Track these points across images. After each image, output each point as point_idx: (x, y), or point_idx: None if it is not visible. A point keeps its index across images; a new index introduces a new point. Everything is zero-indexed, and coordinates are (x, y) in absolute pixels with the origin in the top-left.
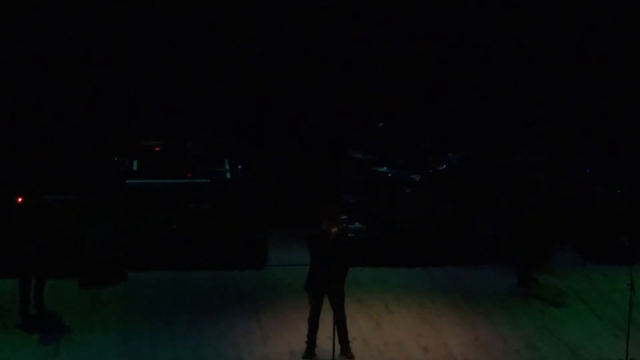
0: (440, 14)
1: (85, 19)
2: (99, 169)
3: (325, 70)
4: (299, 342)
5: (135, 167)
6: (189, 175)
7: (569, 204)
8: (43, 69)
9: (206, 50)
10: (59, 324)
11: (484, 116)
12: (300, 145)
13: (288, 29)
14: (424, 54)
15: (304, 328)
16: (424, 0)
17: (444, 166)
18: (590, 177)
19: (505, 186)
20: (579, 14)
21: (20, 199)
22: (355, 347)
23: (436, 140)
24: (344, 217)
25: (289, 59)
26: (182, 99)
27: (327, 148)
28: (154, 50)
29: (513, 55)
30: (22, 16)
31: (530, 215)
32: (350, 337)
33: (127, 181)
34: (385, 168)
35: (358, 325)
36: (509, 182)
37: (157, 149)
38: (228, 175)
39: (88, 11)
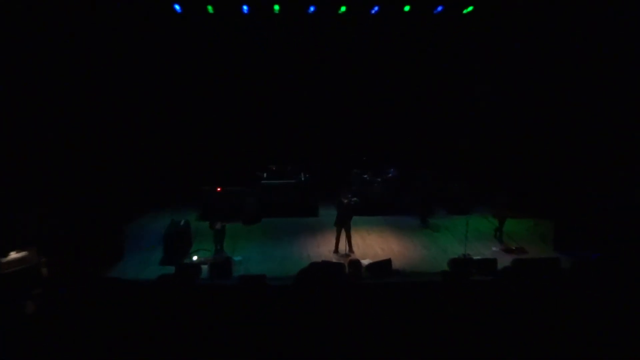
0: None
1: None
2: (252, 177)
3: (351, 126)
4: (332, 246)
5: (265, 176)
6: (287, 178)
7: (441, 190)
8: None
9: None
10: (234, 239)
11: (404, 154)
12: (333, 166)
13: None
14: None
15: (333, 241)
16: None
17: (390, 175)
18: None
19: (413, 182)
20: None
21: (219, 189)
22: (354, 248)
23: (387, 163)
24: (350, 195)
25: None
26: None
27: (343, 167)
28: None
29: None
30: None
31: (424, 194)
32: (352, 244)
33: (262, 182)
34: (366, 175)
35: (355, 239)
36: (414, 181)
37: (274, 168)
38: (302, 179)
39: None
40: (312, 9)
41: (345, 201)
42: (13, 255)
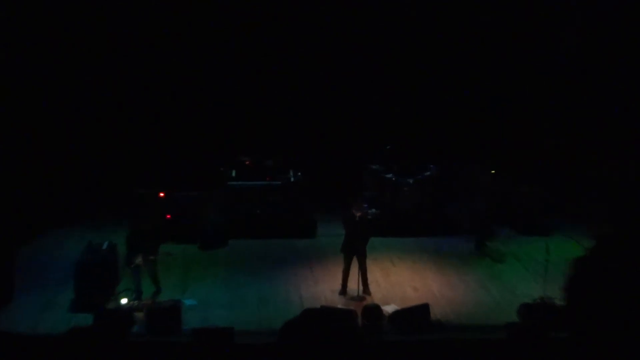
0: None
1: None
2: (213, 175)
3: (355, 112)
4: (337, 284)
5: (234, 174)
6: (268, 178)
7: (506, 197)
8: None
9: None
10: (185, 272)
11: (450, 139)
12: (338, 160)
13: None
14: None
15: (340, 275)
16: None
17: (427, 173)
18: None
19: (464, 186)
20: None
21: (162, 194)
22: (372, 287)
23: (423, 155)
24: (365, 205)
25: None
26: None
27: (354, 162)
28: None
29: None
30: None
31: (476, 205)
32: (368, 281)
33: (229, 183)
34: (390, 174)
35: (374, 274)
36: (466, 184)
37: (248, 162)
38: (292, 179)
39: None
40: None
41: (358, 214)
42: None
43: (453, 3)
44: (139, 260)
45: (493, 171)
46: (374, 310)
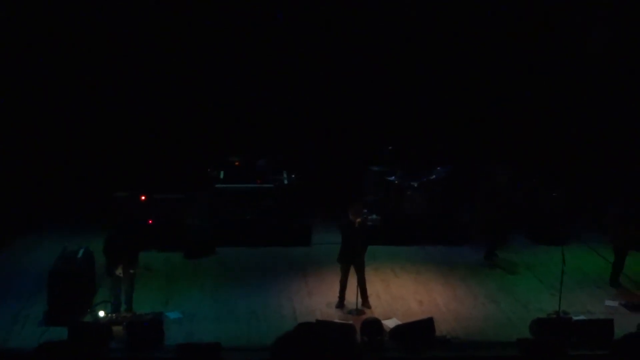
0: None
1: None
2: (198, 177)
3: (353, 112)
4: (333, 297)
5: (222, 176)
6: (258, 181)
7: (521, 203)
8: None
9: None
10: (169, 282)
11: (462, 137)
12: (336, 161)
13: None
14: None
15: (336, 287)
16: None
17: (434, 176)
18: (536, 183)
19: (476, 189)
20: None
21: (143, 197)
22: (371, 300)
23: (428, 156)
24: (365, 211)
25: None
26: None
27: (353, 163)
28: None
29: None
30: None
31: (493, 209)
32: (368, 294)
33: (216, 185)
34: (393, 177)
35: (374, 285)
36: (478, 186)
37: (237, 163)
38: (285, 182)
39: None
40: None
41: (357, 220)
42: None
43: None
44: (119, 271)
45: (506, 172)
46: (374, 325)
